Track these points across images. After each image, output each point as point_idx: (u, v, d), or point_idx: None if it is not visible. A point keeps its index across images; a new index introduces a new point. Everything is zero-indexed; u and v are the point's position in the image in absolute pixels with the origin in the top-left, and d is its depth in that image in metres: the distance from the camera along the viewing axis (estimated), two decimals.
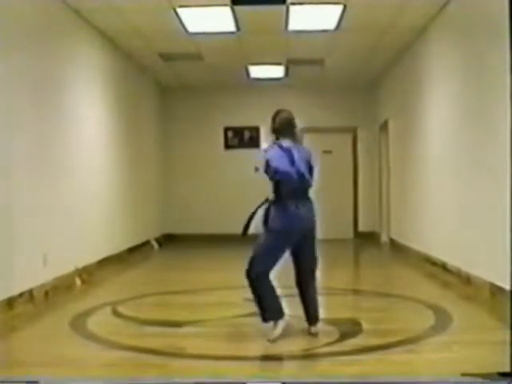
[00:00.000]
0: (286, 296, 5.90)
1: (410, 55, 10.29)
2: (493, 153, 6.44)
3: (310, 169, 5.11)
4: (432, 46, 8.99)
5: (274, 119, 5.16)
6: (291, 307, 5.46)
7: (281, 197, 4.98)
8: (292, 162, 4.97)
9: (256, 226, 5.15)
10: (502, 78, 6.05)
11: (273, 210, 5.00)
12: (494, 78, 6.35)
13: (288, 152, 5.00)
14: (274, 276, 5.11)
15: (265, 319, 5.04)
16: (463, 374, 3.88)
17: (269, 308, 5.02)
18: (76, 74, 8.30)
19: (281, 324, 5.01)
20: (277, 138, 5.12)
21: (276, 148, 5.05)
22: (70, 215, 7.84)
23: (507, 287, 5.85)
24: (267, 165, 4.98)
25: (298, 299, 5.28)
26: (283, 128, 5.10)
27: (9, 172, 6.18)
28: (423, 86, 9.56)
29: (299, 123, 5.34)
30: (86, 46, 8.81)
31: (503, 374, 3.77)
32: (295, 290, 5.30)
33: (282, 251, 5.04)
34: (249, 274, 5.02)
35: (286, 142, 5.07)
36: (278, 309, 5.04)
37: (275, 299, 5.04)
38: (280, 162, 4.95)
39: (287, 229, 4.95)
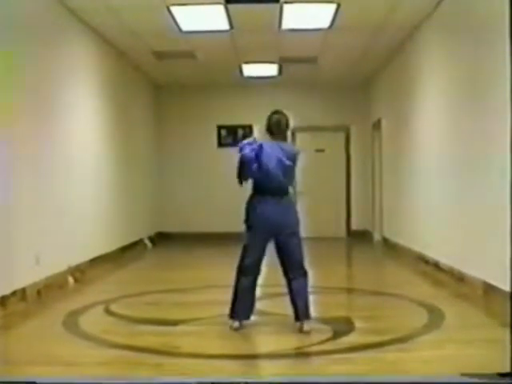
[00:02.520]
0: (279, 294, 5.91)
1: (403, 54, 10.31)
2: (486, 151, 6.46)
3: (290, 168, 5.25)
4: (425, 44, 9.00)
5: (268, 119, 5.46)
6: (284, 306, 5.47)
7: (254, 192, 5.36)
8: (268, 159, 5.19)
9: None
10: (494, 76, 6.08)
11: (247, 205, 5.38)
12: (486, 77, 6.37)
13: (267, 149, 5.23)
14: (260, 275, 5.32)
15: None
16: (463, 374, 3.89)
17: (232, 305, 5.31)
18: (69, 72, 8.28)
19: (235, 324, 5.26)
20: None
21: (254, 145, 5.29)
22: (63, 214, 7.82)
23: (500, 285, 5.88)
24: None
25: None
26: (272, 127, 5.40)
27: (4, 173, 6.17)
28: (416, 85, 9.58)
29: (292, 122, 5.50)
30: (80, 45, 8.79)
31: (503, 375, 3.77)
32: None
33: (256, 247, 5.26)
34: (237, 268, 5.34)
35: (267, 140, 5.36)
36: (238, 310, 5.28)
37: (243, 300, 5.26)
38: (261, 157, 5.20)
39: (254, 225, 5.28)
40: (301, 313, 5.16)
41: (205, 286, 7.69)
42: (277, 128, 5.36)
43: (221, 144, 14.19)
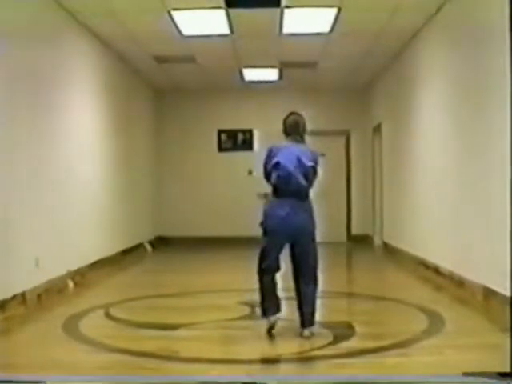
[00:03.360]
0: (284, 299, 5.91)
1: (404, 58, 10.32)
2: (486, 156, 6.46)
3: (310, 169, 5.21)
4: (425, 49, 9.01)
5: (284, 121, 5.39)
6: (287, 310, 5.47)
7: (274, 196, 5.23)
8: (287, 161, 5.12)
9: None
10: (495, 81, 6.08)
11: (266, 208, 5.25)
12: (487, 81, 6.37)
13: (285, 151, 5.18)
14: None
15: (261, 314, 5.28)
16: (464, 374, 3.88)
17: (262, 304, 5.24)
18: (70, 76, 8.29)
19: (271, 319, 5.18)
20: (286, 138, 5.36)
21: (275, 147, 5.27)
22: (63, 218, 7.82)
23: (500, 290, 5.88)
24: (265, 161, 5.25)
25: (294, 302, 5.28)
26: (288, 129, 5.34)
27: (3, 175, 6.17)
28: (416, 90, 9.58)
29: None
30: (81, 49, 8.79)
31: (503, 374, 3.76)
32: (292, 293, 5.32)
33: (274, 250, 5.17)
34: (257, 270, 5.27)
35: (285, 142, 5.30)
36: (268, 307, 5.20)
37: (269, 297, 5.19)
38: (279, 159, 5.15)
39: (273, 228, 5.15)
40: (306, 320, 5.14)
41: (204, 290, 7.69)
42: (294, 129, 5.30)
43: (221, 148, 14.20)
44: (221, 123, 14.13)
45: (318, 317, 5.43)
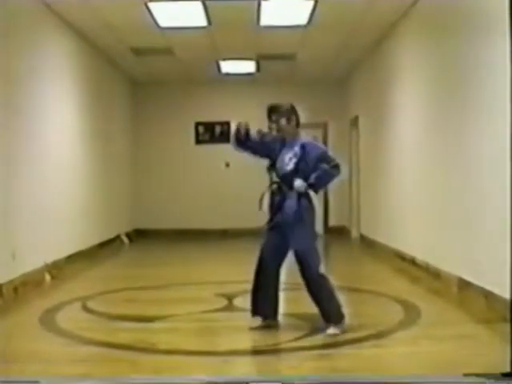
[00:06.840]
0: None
1: (381, 51, 10.36)
2: (462, 148, 6.51)
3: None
4: (402, 42, 9.05)
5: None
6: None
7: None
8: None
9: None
10: (470, 73, 6.13)
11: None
12: (465, 74, 6.40)
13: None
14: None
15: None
16: (465, 374, 3.89)
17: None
18: (45, 68, 8.20)
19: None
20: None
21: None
22: (39, 210, 7.76)
23: (475, 281, 5.94)
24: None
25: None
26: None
27: None
28: (394, 82, 9.62)
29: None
30: (57, 40, 8.72)
31: (506, 375, 3.78)
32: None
33: None
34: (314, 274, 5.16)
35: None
36: None
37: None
38: None
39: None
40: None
41: (182, 282, 7.69)
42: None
43: (198, 141, 14.18)
44: (198, 115, 14.10)
45: (293, 308, 5.47)
